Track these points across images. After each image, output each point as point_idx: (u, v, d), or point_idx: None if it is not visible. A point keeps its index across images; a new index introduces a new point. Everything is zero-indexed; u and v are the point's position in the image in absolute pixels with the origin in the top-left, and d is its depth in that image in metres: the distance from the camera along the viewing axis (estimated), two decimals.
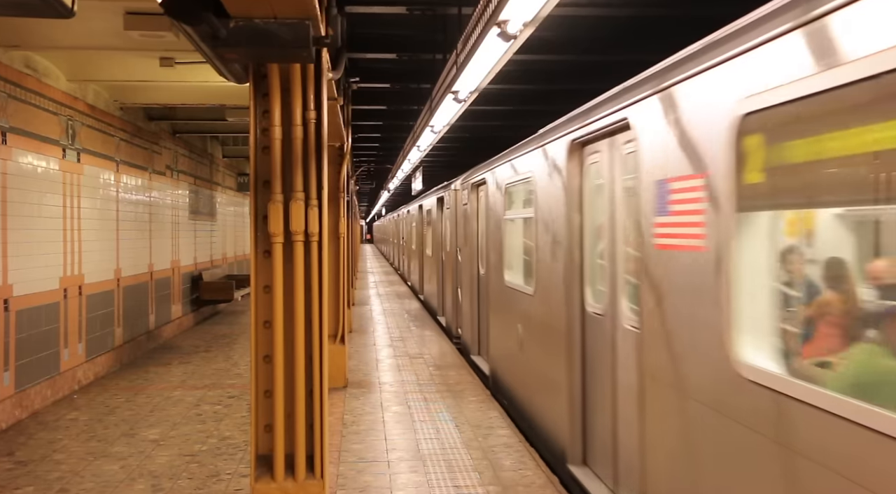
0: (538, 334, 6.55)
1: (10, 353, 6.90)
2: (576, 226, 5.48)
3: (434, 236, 15.89)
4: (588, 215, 5.38)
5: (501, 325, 8.27)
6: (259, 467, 3.80)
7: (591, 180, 5.32)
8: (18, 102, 7.13)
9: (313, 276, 3.79)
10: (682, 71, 3.57)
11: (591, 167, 5.29)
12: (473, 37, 5.92)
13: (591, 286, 5.39)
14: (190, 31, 3.36)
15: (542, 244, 6.31)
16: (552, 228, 6.00)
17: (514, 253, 8.06)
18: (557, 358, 5.86)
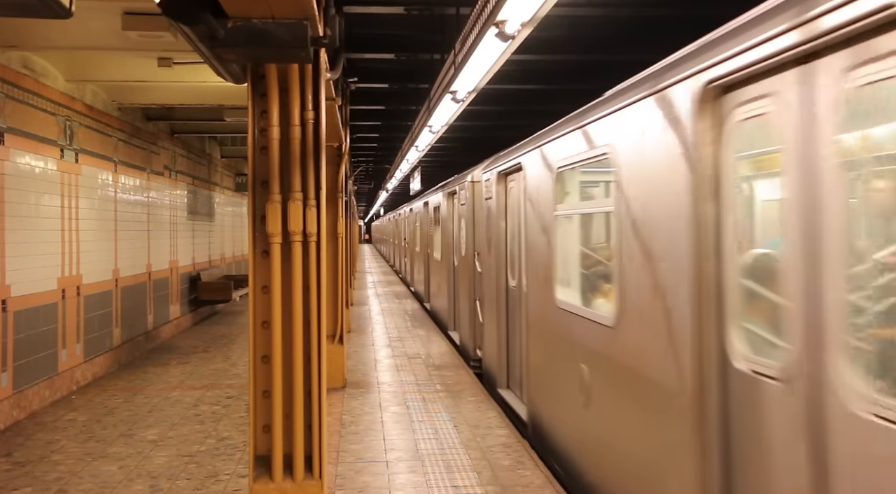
0: (625, 389, 4.32)
1: (8, 354, 6.89)
2: (708, 225, 3.26)
3: (444, 238, 13.23)
4: (727, 207, 3.18)
5: (550, 360, 6.03)
6: (257, 467, 3.79)
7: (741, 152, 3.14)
8: (16, 103, 7.13)
9: (311, 276, 3.79)
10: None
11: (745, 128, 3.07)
12: (471, 37, 5.92)
13: (741, 321, 3.12)
14: (188, 31, 3.36)
15: (632, 251, 4.13)
16: (656, 229, 3.81)
17: (571, 263, 5.88)
18: (672, 440, 3.60)
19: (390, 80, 11.76)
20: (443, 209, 13.15)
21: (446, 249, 12.84)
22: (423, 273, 17.46)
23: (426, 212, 16.70)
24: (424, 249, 17.27)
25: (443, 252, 13.40)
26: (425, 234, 17.12)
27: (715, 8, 7.05)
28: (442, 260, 13.49)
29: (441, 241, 13.77)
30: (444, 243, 13.32)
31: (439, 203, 13.68)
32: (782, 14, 2.64)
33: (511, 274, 7.87)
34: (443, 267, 13.38)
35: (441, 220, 13.62)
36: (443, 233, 13.52)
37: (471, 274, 10.10)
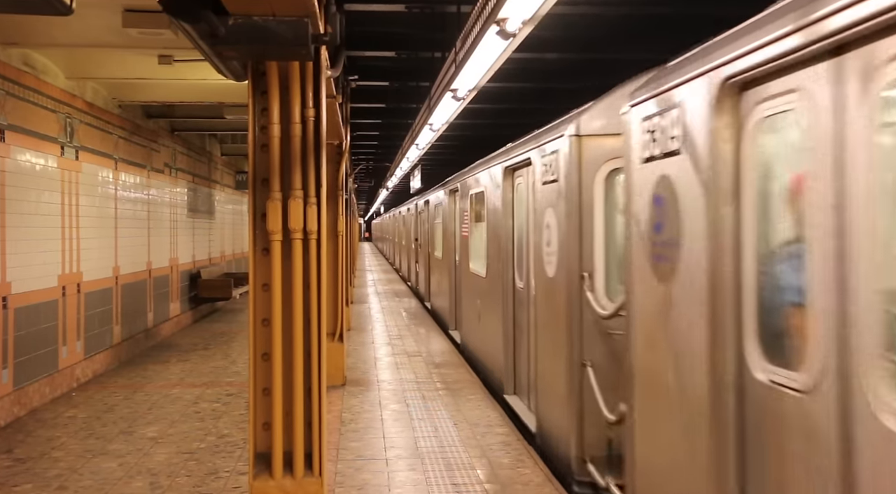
0: None
1: (9, 351, 6.90)
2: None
3: (488, 245, 8.53)
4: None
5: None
6: (257, 465, 3.80)
7: None
8: (17, 100, 7.13)
9: (312, 274, 3.79)
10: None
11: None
12: (472, 35, 5.92)
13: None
14: (189, 28, 3.36)
15: None
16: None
17: None
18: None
19: (391, 77, 11.76)
20: (492, 197, 8.29)
21: (492, 259, 8.28)
22: (448, 292, 12.45)
23: (453, 204, 12.17)
24: (447, 256, 12.76)
25: (488, 266, 8.53)
26: (448, 235, 12.82)
27: (714, 6, 7.05)
28: (486, 275, 8.63)
29: (483, 248, 8.94)
30: (491, 251, 8.34)
31: (482, 188, 8.99)
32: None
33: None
34: (482, 288, 8.78)
35: (486, 214, 8.61)
36: (477, 237, 9.57)
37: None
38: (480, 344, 9.21)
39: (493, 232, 8.17)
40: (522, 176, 6.99)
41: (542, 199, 5.95)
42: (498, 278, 7.80)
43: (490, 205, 8.37)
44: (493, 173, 8.17)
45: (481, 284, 8.97)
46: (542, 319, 6.13)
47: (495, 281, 7.97)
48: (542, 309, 6.15)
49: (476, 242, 9.82)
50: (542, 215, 5.98)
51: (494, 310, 8.05)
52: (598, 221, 5.19)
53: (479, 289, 9.22)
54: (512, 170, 7.45)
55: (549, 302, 5.84)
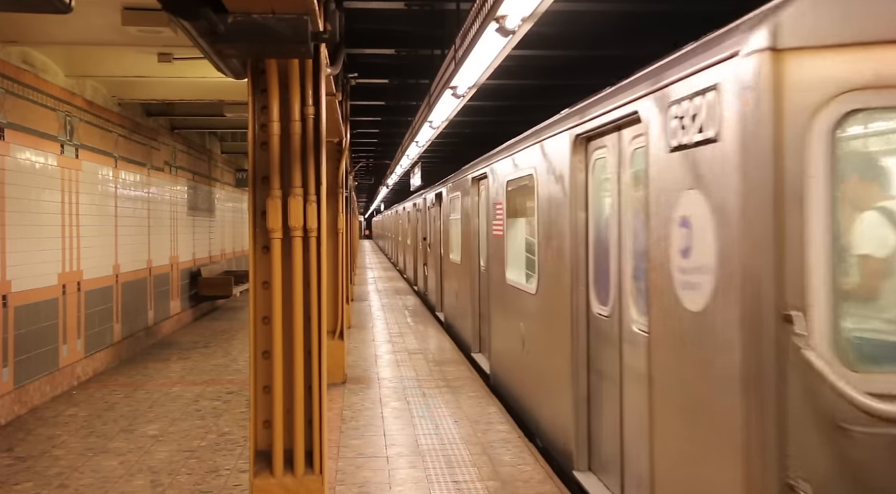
0: None
1: (9, 349, 6.90)
2: None
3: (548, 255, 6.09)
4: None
5: None
6: (258, 462, 3.80)
7: None
8: (16, 98, 7.12)
9: (312, 272, 3.79)
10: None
11: None
12: (472, 32, 5.91)
13: None
14: (188, 26, 3.36)
15: None
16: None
17: None
18: None
19: (391, 75, 11.75)
20: (540, 182, 6.21)
21: (547, 280, 6.00)
22: (473, 308, 10.05)
23: (476, 196, 9.84)
24: (470, 260, 10.12)
25: (539, 280, 6.28)
26: (468, 236, 10.23)
27: (712, 3, 7.05)
28: (539, 294, 6.28)
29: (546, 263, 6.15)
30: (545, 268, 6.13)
31: (526, 171, 6.73)
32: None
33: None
34: (546, 316, 6.14)
35: (538, 207, 6.35)
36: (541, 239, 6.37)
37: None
38: (525, 383, 6.89)
39: (547, 231, 5.91)
40: (606, 146, 4.75)
41: (670, 177, 3.51)
42: (557, 297, 5.63)
43: (543, 194, 6.06)
44: (549, 148, 5.89)
45: (527, 302, 6.69)
46: (672, 385, 3.58)
47: (552, 301, 5.83)
48: (669, 364, 3.61)
49: (516, 244, 7.57)
50: (665, 204, 3.56)
51: (551, 343, 5.83)
52: (818, 212, 2.81)
53: (522, 309, 6.93)
54: (586, 138, 5.10)
55: (691, 356, 3.39)
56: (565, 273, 5.41)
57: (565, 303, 5.41)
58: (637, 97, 3.97)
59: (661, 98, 3.63)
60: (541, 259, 6.21)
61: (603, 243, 4.87)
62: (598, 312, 4.96)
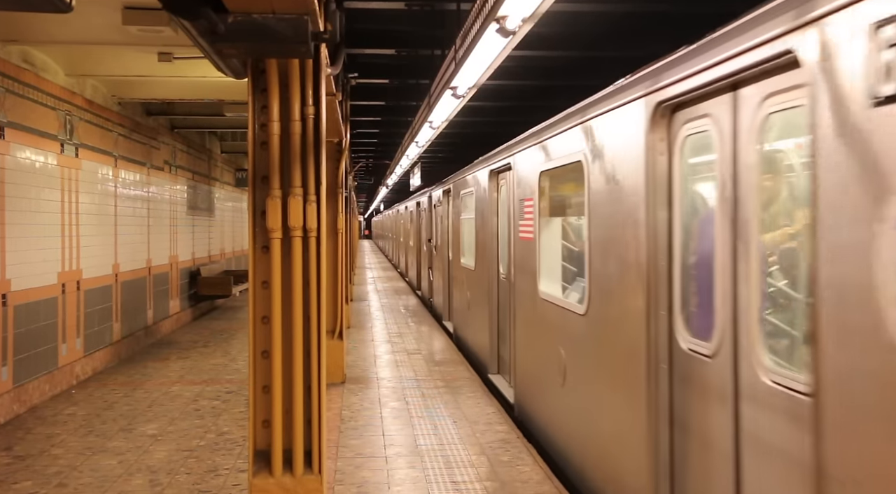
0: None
1: (9, 348, 6.90)
2: None
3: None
4: None
5: None
6: (257, 462, 3.80)
7: None
8: (16, 97, 7.12)
9: (311, 272, 3.79)
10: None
11: None
12: (472, 32, 5.91)
13: None
14: (188, 26, 3.36)
15: None
16: None
17: None
18: None
19: (391, 75, 11.75)
20: (592, 169, 4.87)
21: (603, 298, 4.77)
22: (492, 324, 8.70)
23: (494, 191, 8.49)
24: (487, 265, 8.78)
25: (589, 297, 5.01)
26: (485, 238, 8.88)
27: (713, 4, 7.05)
28: (588, 315, 5.05)
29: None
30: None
31: (572, 156, 5.34)
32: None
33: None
34: (603, 345, 4.85)
35: (589, 201, 4.97)
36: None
37: None
38: (569, 428, 5.49)
39: (604, 234, 4.66)
40: (709, 115, 3.44)
41: (875, 149, 2.26)
42: (620, 322, 4.36)
43: (597, 186, 4.72)
44: (608, 126, 4.54)
45: (570, 324, 5.37)
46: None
47: (610, 325, 4.57)
48: (870, 458, 2.28)
49: (552, 249, 6.36)
50: (861, 194, 2.33)
51: (610, 382, 4.61)
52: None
53: (562, 331, 5.61)
54: (671, 108, 3.78)
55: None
56: (634, 290, 4.08)
57: (634, 331, 4.10)
58: (797, 26, 2.61)
59: (852, 17, 2.32)
60: (593, 270, 4.82)
61: (700, 252, 3.61)
62: (690, 348, 3.62)
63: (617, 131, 4.39)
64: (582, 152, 5.01)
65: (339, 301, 8.82)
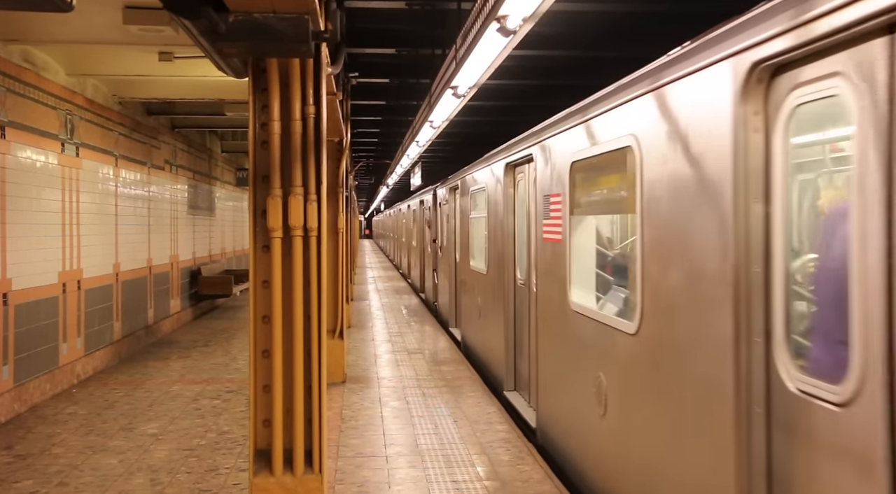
0: None
1: (9, 347, 6.90)
2: None
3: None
4: None
5: None
6: (258, 461, 3.80)
7: None
8: (17, 96, 7.12)
9: (312, 271, 3.79)
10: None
11: None
12: (473, 32, 5.91)
13: None
14: (189, 25, 3.36)
15: None
16: None
17: None
18: None
19: (391, 74, 11.75)
20: (646, 157, 3.99)
21: (662, 316, 3.83)
22: (507, 337, 7.86)
23: (510, 187, 7.78)
24: (501, 268, 7.96)
25: (641, 314, 4.07)
26: (499, 239, 8.09)
27: (713, 3, 7.05)
28: (640, 335, 4.10)
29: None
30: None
31: (620, 140, 4.39)
32: None
33: None
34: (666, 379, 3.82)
35: (664, 190, 3.83)
36: None
37: None
38: (618, 471, 4.47)
39: (663, 236, 3.77)
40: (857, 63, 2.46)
41: None
42: (694, 348, 3.43)
43: (655, 175, 3.86)
44: (678, 97, 3.62)
45: (618, 345, 4.40)
46: None
47: (681, 351, 3.58)
48: None
49: (585, 253, 5.46)
50: None
51: (679, 420, 3.61)
52: None
53: (601, 352, 4.72)
54: (771, 69, 2.92)
55: None
56: (712, 307, 3.21)
57: (712, 361, 3.21)
58: None
59: None
60: (648, 280, 3.96)
61: (822, 259, 2.86)
62: (802, 390, 2.72)
63: (686, 106, 3.52)
64: (632, 135, 4.15)
65: (340, 300, 8.82)
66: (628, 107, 4.24)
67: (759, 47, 2.87)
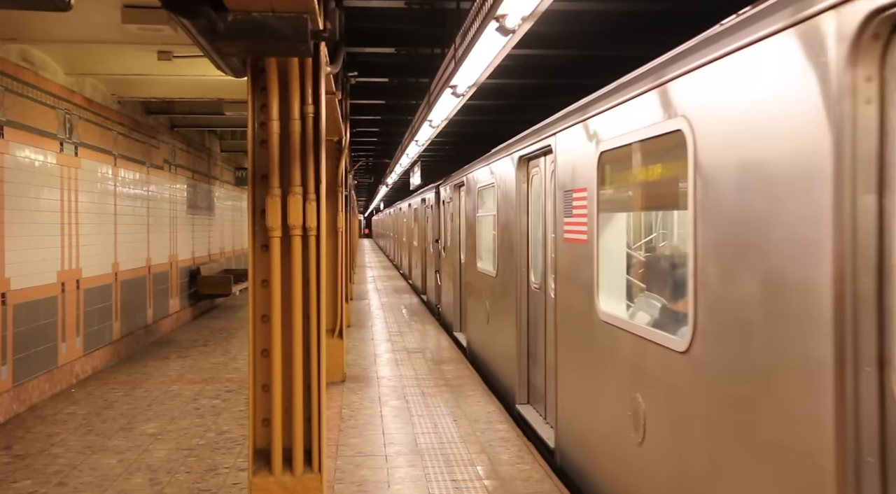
0: None
1: (8, 347, 6.90)
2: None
3: None
4: None
5: None
6: (257, 461, 3.80)
7: None
8: (15, 95, 7.11)
9: (311, 271, 3.79)
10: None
11: None
12: (472, 31, 5.91)
13: None
14: (188, 24, 3.36)
15: None
16: None
17: None
18: None
19: (390, 74, 11.73)
20: (700, 147, 3.36)
21: (722, 330, 3.18)
22: (519, 347, 7.31)
23: (523, 182, 7.26)
24: (510, 270, 7.53)
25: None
26: (509, 240, 7.61)
27: (713, 2, 7.04)
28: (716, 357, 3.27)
29: None
30: None
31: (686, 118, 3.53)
32: None
33: None
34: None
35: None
36: None
37: None
38: None
39: (727, 238, 3.14)
40: None
41: None
42: (773, 377, 2.78)
43: (714, 164, 3.26)
44: (748, 65, 2.99)
45: (663, 365, 3.75)
46: None
47: (755, 379, 2.91)
48: None
49: (617, 255, 4.85)
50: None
51: (745, 472, 2.98)
52: None
53: (651, 373, 3.93)
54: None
55: None
56: (802, 325, 2.58)
57: (802, 394, 2.59)
58: None
59: None
60: (704, 289, 3.31)
61: None
62: None
63: (765, 75, 2.85)
64: (683, 117, 3.50)
65: (339, 299, 8.82)
66: (678, 84, 3.59)
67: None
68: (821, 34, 2.49)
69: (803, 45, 2.60)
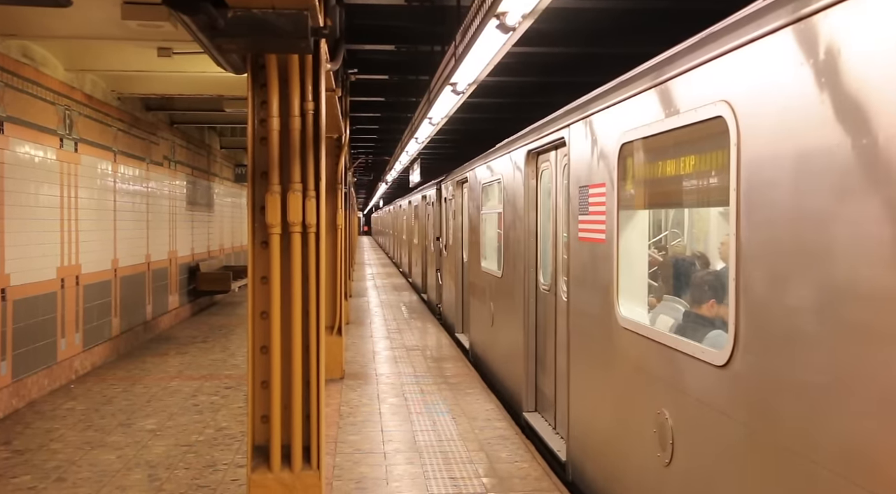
0: None
1: (7, 343, 6.90)
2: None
3: None
4: None
5: None
6: (256, 457, 3.81)
7: None
8: (15, 91, 7.11)
9: (310, 267, 3.79)
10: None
11: None
12: (472, 28, 5.90)
13: None
14: (188, 21, 3.35)
15: None
16: None
17: None
18: None
19: (390, 71, 11.72)
20: (746, 135, 2.94)
21: (768, 342, 2.78)
22: (528, 359, 6.93)
23: (532, 178, 6.89)
24: (517, 270, 7.20)
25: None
26: (515, 239, 7.31)
27: (713, 0, 7.03)
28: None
29: None
30: None
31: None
32: None
33: None
34: None
35: None
36: None
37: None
38: None
39: (774, 236, 2.73)
40: None
41: None
42: (835, 397, 2.40)
43: (760, 152, 2.84)
44: (811, 37, 2.50)
45: (697, 379, 3.36)
46: None
47: (813, 400, 2.51)
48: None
49: (639, 257, 4.49)
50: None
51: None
52: None
53: (681, 388, 3.53)
54: None
55: None
56: (877, 343, 2.20)
57: (883, 422, 2.17)
58: None
59: None
60: (750, 297, 2.90)
61: None
62: None
63: (835, 47, 2.38)
64: (724, 102, 3.06)
65: (338, 296, 8.82)
66: (718, 64, 3.15)
67: None
68: None
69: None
